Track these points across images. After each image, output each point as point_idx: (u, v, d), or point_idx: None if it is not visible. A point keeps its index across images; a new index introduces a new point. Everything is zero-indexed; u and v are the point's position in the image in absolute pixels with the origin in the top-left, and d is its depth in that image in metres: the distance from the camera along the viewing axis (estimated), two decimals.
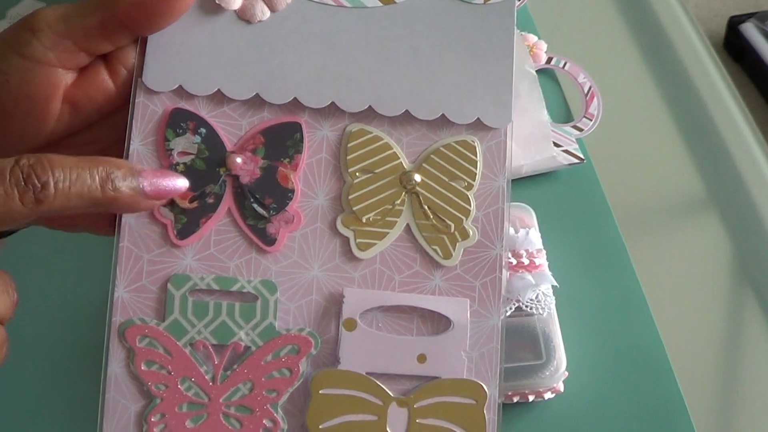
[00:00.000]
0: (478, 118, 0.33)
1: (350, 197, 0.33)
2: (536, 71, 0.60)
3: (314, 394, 0.33)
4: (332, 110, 0.33)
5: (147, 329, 0.32)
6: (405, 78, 0.33)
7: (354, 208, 0.33)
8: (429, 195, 0.33)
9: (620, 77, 0.65)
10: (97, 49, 0.32)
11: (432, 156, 0.34)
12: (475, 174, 0.34)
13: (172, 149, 0.33)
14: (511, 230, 0.50)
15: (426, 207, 0.33)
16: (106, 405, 0.32)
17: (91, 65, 0.32)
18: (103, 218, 0.34)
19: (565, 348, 0.48)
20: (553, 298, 0.49)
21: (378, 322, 0.33)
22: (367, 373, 0.33)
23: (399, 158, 0.34)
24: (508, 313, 0.48)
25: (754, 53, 1.44)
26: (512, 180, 0.56)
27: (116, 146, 0.33)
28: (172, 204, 0.33)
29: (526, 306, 0.48)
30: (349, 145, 0.33)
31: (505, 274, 0.33)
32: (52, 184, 0.28)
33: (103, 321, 0.33)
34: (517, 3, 0.32)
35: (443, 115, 0.33)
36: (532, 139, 0.57)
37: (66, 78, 0.31)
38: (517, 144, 0.57)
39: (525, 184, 0.57)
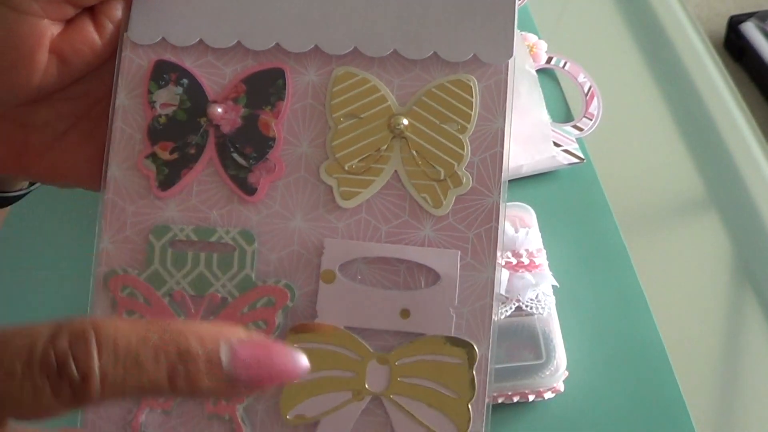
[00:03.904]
0: (474, 55, 0.31)
1: (333, 144, 0.31)
2: (536, 71, 0.59)
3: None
4: (317, 54, 0.31)
5: (128, 279, 0.31)
6: (393, 14, 0.31)
7: (337, 155, 0.31)
8: (418, 139, 0.31)
9: (620, 77, 0.65)
10: (82, 1, 0.31)
11: (423, 98, 0.31)
12: (470, 115, 0.31)
13: (154, 101, 0.32)
14: (511, 230, 0.50)
15: (414, 152, 0.31)
16: None
17: (78, 19, 0.32)
18: (93, 174, 0.33)
19: (565, 348, 0.48)
20: (553, 297, 0.48)
21: (360, 275, 0.31)
22: (346, 328, 0.30)
23: (387, 101, 0.31)
24: (508, 313, 0.48)
25: (754, 53, 1.44)
26: (512, 180, 0.56)
27: (106, 100, 0.33)
28: (154, 156, 0.32)
29: (526, 306, 0.48)
30: (333, 89, 0.31)
31: (503, 223, 0.30)
32: (96, 373, 0.20)
33: None
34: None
35: (435, 53, 0.31)
36: (532, 139, 0.57)
37: (52, 29, 0.31)
38: (517, 144, 0.56)
39: (525, 184, 0.56)
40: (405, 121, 0.31)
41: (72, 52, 0.31)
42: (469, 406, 0.30)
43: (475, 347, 0.30)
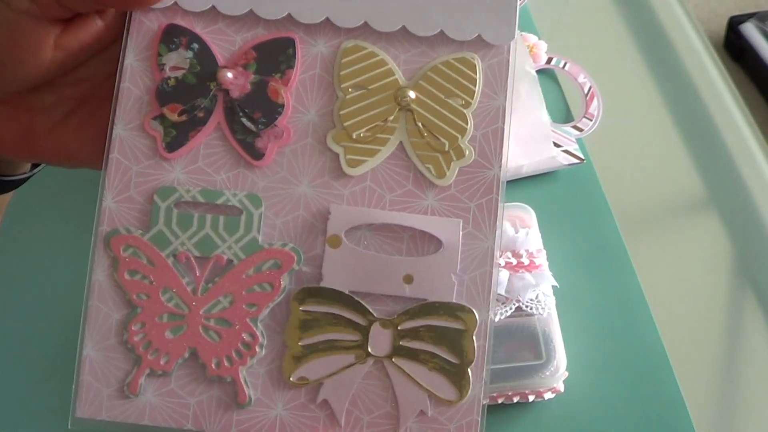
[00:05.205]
0: (479, 35, 0.32)
1: (341, 113, 0.32)
2: (536, 71, 0.60)
3: (294, 310, 0.31)
4: (327, 26, 0.32)
5: (131, 239, 0.32)
6: None
7: (345, 124, 0.32)
8: (423, 112, 0.32)
9: (620, 77, 0.65)
10: (76, 8, 0.31)
11: (429, 73, 0.32)
12: (474, 91, 0.32)
13: (164, 64, 0.32)
14: (512, 230, 0.50)
15: (420, 124, 0.32)
16: (88, 312, 0.32)
17: None
18: (98, 153, 0.33)
19: (565, 348, 0.48)
20: (553, 298, 0.49)
21: (365, 241, 0.32)
22: (350, 292, 0.31)
23: (394, 75, 0.32)
24: (508, 314, 0.48)
25: (754, 53, 1.44)
26: (512, 180, 0.57)
27: (109, 81, 0.33)
28: (162, 117, 0.32)
29: (526, 306, 0.48)
30: (342, 60, 0.32)
31: (503, 195, 0.32)
32: None
33: None
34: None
35: (442, 31, 0.32)
36: (532, 139, 0.57)
37: (54, 29, 0.31)
38: (517, 144, 0.56)
39: (525, 184, 0.56)
40: (412, 94, 0.32)
41: (75, 43, 0.32)
42: (469, 370, 0.31)
43: (476, 313, 0.31)
